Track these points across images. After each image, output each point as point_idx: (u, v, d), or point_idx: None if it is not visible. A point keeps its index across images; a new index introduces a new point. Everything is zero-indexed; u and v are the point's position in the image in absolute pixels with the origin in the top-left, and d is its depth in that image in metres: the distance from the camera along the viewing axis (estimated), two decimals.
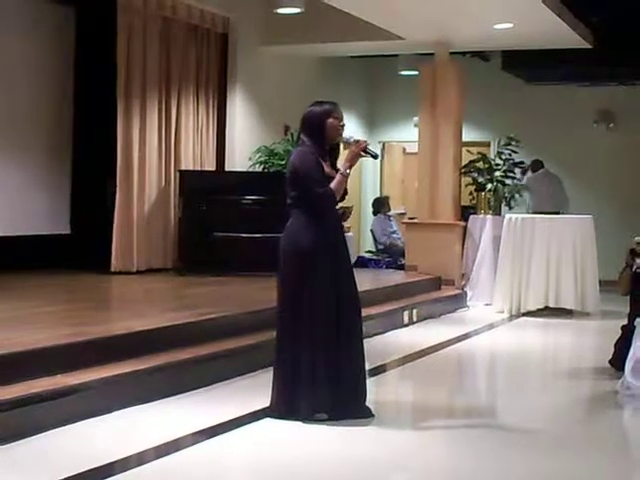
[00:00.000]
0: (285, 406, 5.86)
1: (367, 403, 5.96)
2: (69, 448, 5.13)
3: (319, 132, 5.86)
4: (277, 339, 5.97)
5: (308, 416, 5.75)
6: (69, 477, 4.57)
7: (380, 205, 15.08)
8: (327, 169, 5.84)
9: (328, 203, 5.84)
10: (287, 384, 5.86)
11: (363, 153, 5.88)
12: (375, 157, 6.07)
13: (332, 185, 5.78)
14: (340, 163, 5.95)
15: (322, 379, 5.74)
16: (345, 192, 5.98)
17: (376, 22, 11.80)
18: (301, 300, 5.81)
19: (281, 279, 5.93)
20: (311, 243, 5.79)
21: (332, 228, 5.91)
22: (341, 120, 5.89)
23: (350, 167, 5.85)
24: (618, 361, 7.48)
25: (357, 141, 5.86)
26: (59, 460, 4.91)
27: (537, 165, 14.19)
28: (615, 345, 7.72)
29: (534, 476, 4.95)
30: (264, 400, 6.15)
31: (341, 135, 5.90)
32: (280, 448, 5.35)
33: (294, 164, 5.87)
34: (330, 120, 5.85)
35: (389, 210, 15.04)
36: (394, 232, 14.64)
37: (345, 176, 5.81)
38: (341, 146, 6.09)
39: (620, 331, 7.70)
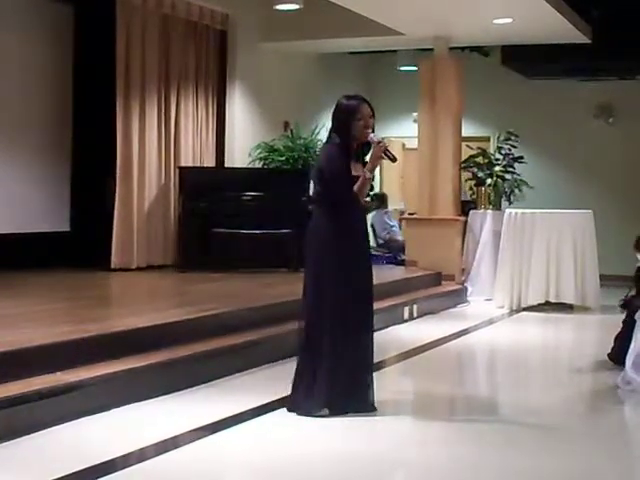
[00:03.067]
0: (290, 400, 5.92)
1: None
2: (68, 446, 5.13)
3: (345, 132, 5.84)
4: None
5: (306, 413, 5.79)
6: (68, 475, 4.56)
7: (379, 201, 15.06)
8: (354, 170, 5.82)
9: (350, 205, 5.84)
10: (295, 379, 5.92)
11: (383, 155, 5.85)
12: (393, 160, 5.97)
13: (355, 187, 5.78)
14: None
15: (323, 379, 5.76)
16: (371, 188, 6.00)
17: (375, 18, 11.79)
18: (318, 298, 5.85)
19: (305, 275, 6.01)
20: (329, 237, 5.83)
21: (352, 226, 5.90)
22: (367, 120, 5.81)
23: (373, 169, 5.83)
24: (617, 355, 7.49)
25: (379, 142, 5.82)
26: (58, 458, 4.91)
27: None
28: (615, 339, 7.72)
29: (535, 471, 4.95)
30: (265, 396, 6.17)
31: (368, 135, 5.84)
32: (280, 444, 5.35)
33: (321, 163, 5.91)
34: (355, 122, 5.80)
35: (386, 207, 15.02)
36: (393, 226, 14.62)
37: (368, 178, 5.80)
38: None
39: (622, 325, 7.70)
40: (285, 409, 5.91)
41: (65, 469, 4.62)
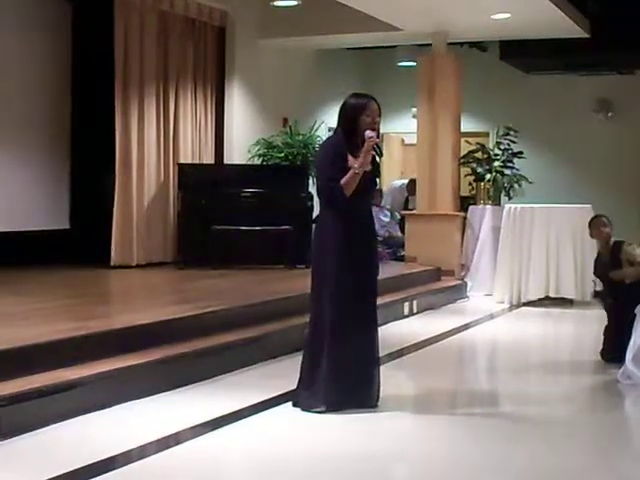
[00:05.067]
0: (295, 395, 5.96)
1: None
2: (70, 443, 5.13)
3: (351, 127, 5.86)
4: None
5: (306, 409, 5.82)
6: (70, 472, 4.57)
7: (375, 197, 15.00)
8: (353, 163, 5.81)
9: (336, 197, 5.80)
10: (300, 375, 5.96)
11: (373, 151, 5.87)
12: (380, 155, 5.99)
13: (343, 180, 5.77)
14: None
15: (324, 377, 5.79)
16: (374, 184, 5.99)
17: (373, 13, 11.78)
18: (319, 297, 5.88)
19: (311, 271, 6.01)
20: (330, 235, 5.83)
21: (353, 216, 5.88)
22: (375, 117, 5.86)
23: (362, 164, 5.77)
24: (608, 353, 7.56)
25: (371, 137, 5.82)
26: (60, 455, 4.91)
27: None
28: (604, 338, 7.75)
29: (536, 465, 4.95)
30: (265, 393, 6.18)
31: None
32: (281, 440, 5.35)
33: (316, 156, 5.97)
34: (363, 117, 5.83)
35: (381, 202, 14.97)
36: (390, 222, 14.57)
37: (356, 173, 5.77)
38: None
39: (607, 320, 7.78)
40: (291, 403, 5.95)
41: (66, 466, 4.62)
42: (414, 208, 13.44)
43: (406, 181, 15.43)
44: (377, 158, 5.97)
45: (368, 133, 5.80)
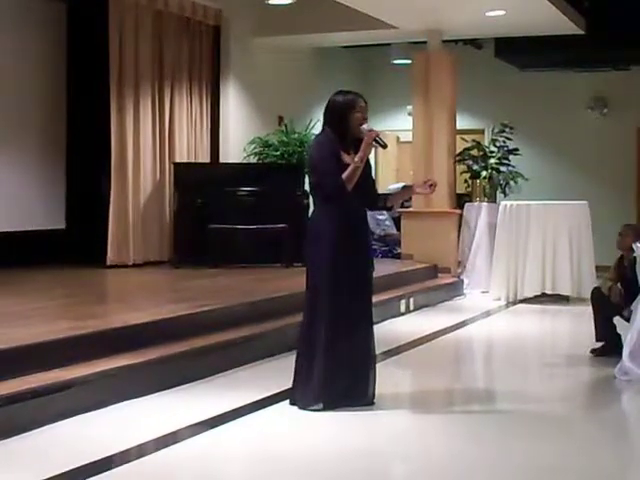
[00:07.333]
0: (292, 393, 5.95)
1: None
2: (67, 443, 5.13)
3: (341, 123, 5.86)
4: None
5: (303, 407, 5.83)
6: (67, 471, 4.57)
7: None
8: (348, 159, 5.82)
9: (338, 192, 5.80)
10: (295, 373, 5.95)
11: (374, 143, 5.87)
12: (384, 147, 6.05)
13: (344, 175, 5.77)
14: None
15: (319, 375, 5.78)
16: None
17: (368, 11, 11.78)
18: (313, 296, 5.87)
19: (306, 266, 6.00)
20: (326, 233, 5.81)
21: (349, 215, 5.87)
22: (364, 112, 5.88)
23: (363, 157, 5.81)
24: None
25: (370, 130, 5.84)
26: (57, 454, 4.91)
27: None
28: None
29: (534, 462, 4.95)
30: (262, 391, 6.18)
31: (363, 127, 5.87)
32: (279, 439, 5.35)
33: (311, 153, 6.00)
34: (353, 113, 5.84)
35: None
36: (386, 220, 14.56)
37: (357, 166, 5.79)
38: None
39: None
40: (287, 401, 5.95)
41: (64, 466, 4.61)
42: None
43: (401, 185, 15.39)
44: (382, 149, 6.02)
45: (365, 127, 5.82)
